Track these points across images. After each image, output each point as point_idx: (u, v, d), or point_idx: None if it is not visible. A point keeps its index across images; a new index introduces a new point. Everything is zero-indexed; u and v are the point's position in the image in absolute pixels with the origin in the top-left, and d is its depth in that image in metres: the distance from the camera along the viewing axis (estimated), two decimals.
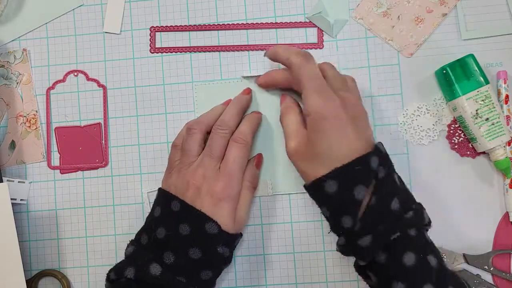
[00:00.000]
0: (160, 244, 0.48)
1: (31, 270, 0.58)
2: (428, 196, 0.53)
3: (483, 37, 0.56)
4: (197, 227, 0.48)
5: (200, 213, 0.48)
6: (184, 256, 0.48)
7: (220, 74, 0.58)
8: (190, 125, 0.53)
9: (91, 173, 0.59)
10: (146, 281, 0.47)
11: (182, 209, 0.49)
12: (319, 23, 0.58)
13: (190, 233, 0.48)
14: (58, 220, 0.59)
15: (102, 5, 0.60)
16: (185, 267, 0.48)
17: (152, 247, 0.49)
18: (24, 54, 0.60)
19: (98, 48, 0.60)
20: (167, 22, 0.59)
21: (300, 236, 0.56)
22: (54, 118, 0.60)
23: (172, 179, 0.51)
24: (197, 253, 0.48)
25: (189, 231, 0.48)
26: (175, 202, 0.49)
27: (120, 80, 0.59)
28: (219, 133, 0.51)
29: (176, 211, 0.49)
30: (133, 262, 0.49)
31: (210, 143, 0.51)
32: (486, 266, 0.54)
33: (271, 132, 0.57)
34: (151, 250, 0.49)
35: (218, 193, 0.49)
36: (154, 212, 0.51)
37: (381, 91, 0.57)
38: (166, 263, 0.47)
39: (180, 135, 0.55)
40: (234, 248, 0.52)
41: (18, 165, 0.59)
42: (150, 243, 0.49)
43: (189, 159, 0.51)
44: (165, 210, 0.50)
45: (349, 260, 0.56)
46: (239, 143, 0.51)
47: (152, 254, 0.48)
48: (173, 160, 0.53)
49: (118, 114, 0.59)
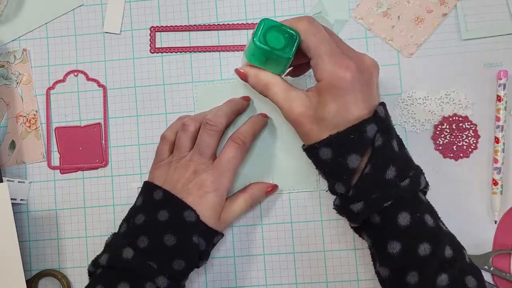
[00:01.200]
0: (137, 229, 0.49)
1: (31, 270, 0.58)
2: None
3: (483, 37, 0.56)
4: (175, 214, 0.49)
5: (180, 201, 0.49)
6: (159, 242, 0.48)
7: (220, 74, 0.58)
8: (185, 121, 0.53)
9: (91, 173, 0.59)
10: (118, 267, 0.47)
11: (163, 197, 0.50)
12: None
13: (168, 219, 0.48)
14: (58, 220, 0.59)
15: (102, 5, 0.60)
16: (158, 252, 0.48)
17: (129, 233, 0.50)
18: (24, 54, 0.60)
19: (98, 48, 0.60)
20: (167, 22, 0.59)
21: (300, 236, 0.56)
22: (54, 118, 0.60)
23: (160, 171, 0.52)
24: (172, 240, 0.48)
25: (167, 217, 0.48)
26: (158, 191, 0.50)
27: (120, 80, 0.59)
28: (206, 130, 0.52)
29: (158, 199, 0.50)
30: (108, 249, 0.49)
31: (198, 140, 0.52)
32: (486, 266, 0.54)
33: (272, 130, 0.57)
34: (127, 236, 0.49)
35: (206, 186, 0.50)
36: (136, 202, 0.52)
37: (381, 91, 0.57)
38: (139, 247, 0.48)
39: (170, 128, 0.55)
40: (212, 245, 0.52)
41: (18, 165, 0.59)
42: (128, 230, 0.50)
43: (181, 154, 0.52)
44: (147, 198, 0.51)
45: (349, 260, 0.56)
46: (236, 143, 0.52)
47: (128, 239, 0.49)
48: (160, 152, 0.54)
49: (118, 114, 0.59)
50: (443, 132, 0.56)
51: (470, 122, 0.56)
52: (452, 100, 0.56)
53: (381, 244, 0.45)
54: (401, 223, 0.43)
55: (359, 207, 0.44)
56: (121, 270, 0.47)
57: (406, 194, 0.44)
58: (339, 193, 0.46)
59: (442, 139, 0.56)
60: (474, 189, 0.55)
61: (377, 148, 0.44)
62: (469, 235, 0.54)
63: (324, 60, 0.44)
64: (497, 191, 0.54)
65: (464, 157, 0.56)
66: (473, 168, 0.55)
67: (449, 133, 0.56)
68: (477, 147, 0.55)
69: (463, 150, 0.56)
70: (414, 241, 0.43)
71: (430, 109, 0.56)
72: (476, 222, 0.55)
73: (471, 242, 0.54)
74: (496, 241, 0.55)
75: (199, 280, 0.57)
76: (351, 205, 0.45)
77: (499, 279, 0.54)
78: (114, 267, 0.48)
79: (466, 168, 0.55)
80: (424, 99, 0.56)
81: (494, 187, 0.54)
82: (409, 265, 0.43)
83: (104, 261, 0.48)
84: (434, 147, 0.56)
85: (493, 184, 0.54)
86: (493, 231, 0.55)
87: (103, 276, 0.48)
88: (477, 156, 0.55)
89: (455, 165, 0.56)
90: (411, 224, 0.43)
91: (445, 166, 0.56)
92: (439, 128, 0.56)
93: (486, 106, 0.56)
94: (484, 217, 0.55)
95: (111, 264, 0.48)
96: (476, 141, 0.55)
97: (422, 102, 0.56)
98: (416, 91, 0.56)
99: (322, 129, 0.45)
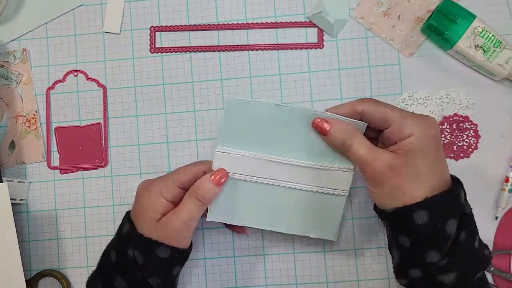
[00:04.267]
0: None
1: (31, 270, 0.58)
2: None
3: None
4: (119, 229, 0.50)
5: (127, 215, 0.50)
6: (106, 258, 0.49)
7: (220, 74, 0.58)
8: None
9: (91, 173, 0.59)
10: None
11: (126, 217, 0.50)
12: (319, 22, 0.58)
13: (116, 234, 0.50)
14: (58, 220, 0.59)
15: (102, 5, 0.60)
16: (105, 269, 0.49)
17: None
18: (24, 54, 0.60)
19: (98, 48, 0.60)
20: (167, 22, 0.59)
21: (300, 236, 0.56)
22: (54, 118, 0.60)
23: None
24: (113, 256, 0.48)
25: (115, 240, 0.50)
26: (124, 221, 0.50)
27: (120, 80, 0.59)
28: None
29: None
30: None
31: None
32: None
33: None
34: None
35: (137, 191, 0.49)
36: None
37: (381, 91, 0.57)
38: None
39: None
40: (154, 257, 0.46)
41: (18, 165, 0.59)
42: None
43: None
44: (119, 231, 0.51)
45: (349, 260, 0.56)
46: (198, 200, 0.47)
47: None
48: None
49: (118, 114, 0.59)
50: (444, 132, 0.56)
51: (471, 122, 0.56)
52: (453, 100, 0.56)
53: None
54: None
55: (451, 277, 0.41)
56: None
57: (488, 266, 0.44)
58: (429, 262, 0.42)
59: (443, 139, 0.56)
60: (474, 189, 0.55)
61: (468, 214, 0.43)
62: None
63: (410, 117, 0.44)
64: (506, 188, 0.54)
65: (464, 157, 0.56)
66: (474, 168, 0.55)
67: (449, 133, 0.56)
68: (478, 147, 0.55)
69: (463, 150, 0.56)
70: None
71: (431, 109, 0.56)
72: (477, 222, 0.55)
73: None
74: (496, 241, 0.54)
75: (199, 280, 0.57)
76: (442, 276, 0.41)
77: (499, 279, 0.54)
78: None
79: (467, 168, 0.55)
80: (424, 99, 0.56)
81: (505, 184, 0.54)
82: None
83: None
84: None
85: (505, 181, 0.54)
86: (493, 231, 0.55)
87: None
88: (477, 156, 0.55)
89: (456, 165, 0.56)
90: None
91: None
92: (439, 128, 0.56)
93: (487, 106, 0.56)
94: (484, 218, 0.55)
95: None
96: (476, 141, 0.55)
97: (422, 102, 0.56)
98: (417, 91, 0.56)
99: (414, 188, 0.42)
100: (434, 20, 0.53)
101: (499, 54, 0.52)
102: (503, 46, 0.52)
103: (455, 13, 0.53)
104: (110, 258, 0.48)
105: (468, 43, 0.53)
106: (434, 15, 0.54)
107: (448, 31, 0.53)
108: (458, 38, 0.53)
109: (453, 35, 0.53)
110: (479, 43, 0.53)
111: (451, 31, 0.53)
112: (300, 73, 0.58)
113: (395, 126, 0.44)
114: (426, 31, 0.55)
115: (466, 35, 0.53)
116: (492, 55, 0.52)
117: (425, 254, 0.42)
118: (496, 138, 0.55)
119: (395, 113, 0.44)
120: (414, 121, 0.43)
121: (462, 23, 0.53)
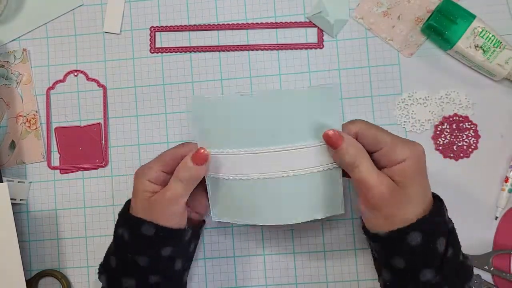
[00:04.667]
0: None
1: (31, 270, 0.58)
2: None
3: None
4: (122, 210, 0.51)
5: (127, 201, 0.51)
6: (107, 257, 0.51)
7: (220, 74, 0.58)
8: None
9: (91, 173, 0.59)
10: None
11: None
12: (319, 23, 0.58)
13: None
14: (58, 220, 0.59)
15: (102, 5, 0.60)
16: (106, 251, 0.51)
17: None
18: (24, 54, 0.60)
19: (98, 48, 0.60)
20: (167, 22, 0.59)
21: (300, 236, 0.56)
22: (54, 118, 0.60)
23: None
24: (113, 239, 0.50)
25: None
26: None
27: (120, 80, 0.59)
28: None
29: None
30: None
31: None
32: (486, 266, 0.54)
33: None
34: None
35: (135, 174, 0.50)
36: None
37: (381, 91, 0.57)
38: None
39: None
40: (140, 234, 0.47)
41: (18, 165, 0.59)
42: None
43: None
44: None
45: (349, 260, 0.56)
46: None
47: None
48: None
49: (118, 114, 0.59)
50: (444, 132, 0.56)
51: (471, 122, 0.56)
52: (453, 100, 0.56)
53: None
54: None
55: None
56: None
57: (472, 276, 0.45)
58: (423, 281, 0.42)
59: (443, 139, 0.56)
60: (474, 189, 0.55)
61: (452, 229, 0.45)
62: (469, 235, 0.54)
63: (401, 142, 0.44)
64: (506, 188, 0.54)
65: (464, 157, 0.56)
66: (474, 168, 0.55)
67: (449, 133, 0.56)
68: (478, 147, 0.55)
69: (463, 150, 0.56)
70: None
71: (431, 109, 0.56)
72: (477, 223, 0.55)
73: (471, 242, 0.54)
74: (496, 241, 0.54)
75: (199, 280, 0.57)
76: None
77: (499, 279, 0.54)
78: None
79: (467, 168, 0.55)
80: (424, 99, 0.56)
81: (505, 184, 0.54)
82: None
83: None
84: (435, 147, 0.56)
85: (504, 181, 0.54)
86: (493, 231, 0.55)
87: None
88: (477, 156, 0.55)
89: (455, 165, 0.56)
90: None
91: (445, 166, 0.55)
92: (439, 128, 0.56)
93: (487, 106, 0.56)
94: (484, 218, 0.55)
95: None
96: (476, 141, 0.55)
97: (422, 102, 0.56)
98: (417, 91, 0.56)
99: (407, 211, 0.43)
100: (434, 20, 0.53)
101: (499, 54, 0.53)
102: (503, 46, 0.52)
103: (455, 13, 0.53)
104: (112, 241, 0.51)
105: (468, 43, 0.53)
106: (434, 15, 0.54)
107: (448, 31, 0.53)
108: (458, 38, 0.53)
109: (453, 35, 0.53)
110: (479, 43, 0.53)
111: (451, 31, 0.53)
112: (300, 73, 0.58)
113: (387, 149, 0.44)
114: (426, 31, 0.55)
115: (466, 35, 0.53)
116: (492, 55, 0.53)
117: (419, 273, 0.42)
118: (496, 138, 0.55)
119: (388, 136, 0.44)
120: (407, 147, 0.44)
121: (462, 23, 0.53)
